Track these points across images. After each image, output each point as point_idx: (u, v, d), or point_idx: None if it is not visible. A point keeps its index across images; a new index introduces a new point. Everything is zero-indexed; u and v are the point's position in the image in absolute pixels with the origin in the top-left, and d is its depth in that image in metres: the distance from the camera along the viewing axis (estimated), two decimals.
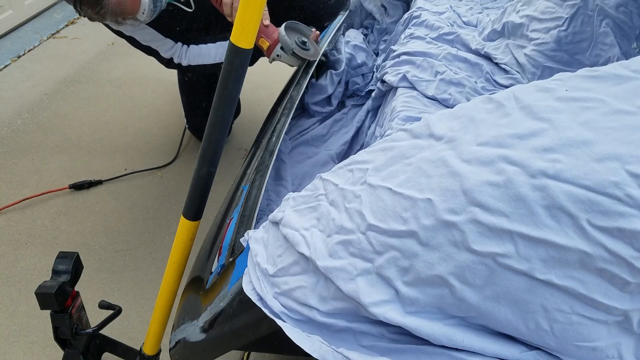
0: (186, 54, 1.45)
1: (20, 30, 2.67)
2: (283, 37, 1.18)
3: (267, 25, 1.24)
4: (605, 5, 1.02)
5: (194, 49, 1.45)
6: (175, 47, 1.43)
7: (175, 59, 1.45)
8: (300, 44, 1.20)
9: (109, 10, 1.13)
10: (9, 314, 1.31)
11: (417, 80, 1.10)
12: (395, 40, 1.38)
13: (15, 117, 2.05)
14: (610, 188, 0.39)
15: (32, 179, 1.74)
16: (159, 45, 1.42)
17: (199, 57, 1.46)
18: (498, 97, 0.50)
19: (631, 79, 0.46)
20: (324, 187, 0.55)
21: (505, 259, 0.41)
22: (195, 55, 1.45)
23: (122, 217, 1.61)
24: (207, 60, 1.46)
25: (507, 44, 1.17)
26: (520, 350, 0.44)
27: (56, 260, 0.92)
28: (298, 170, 1.12)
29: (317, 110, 1.30)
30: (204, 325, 0.66)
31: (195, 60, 1.46)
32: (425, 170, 0.46)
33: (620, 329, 0.42)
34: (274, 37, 1.22)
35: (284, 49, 1.19)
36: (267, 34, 1.23)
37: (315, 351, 0.47)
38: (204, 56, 1.45)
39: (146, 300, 1.35)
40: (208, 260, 0.83)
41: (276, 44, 1.21)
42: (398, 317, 0.44)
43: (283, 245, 0.54)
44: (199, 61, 1.46)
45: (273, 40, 1.22)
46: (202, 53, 1.45)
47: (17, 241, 1.51)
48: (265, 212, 0.95)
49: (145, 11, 1.17)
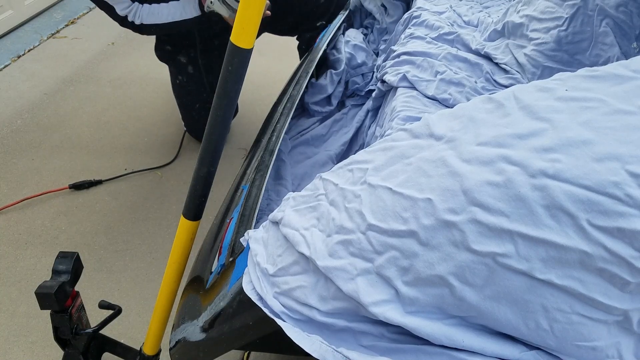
0: (140, 13, 1.45)
1: (20, 30, 2.67)
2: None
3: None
4: (605, 5, 1.02)
5: (147, 8, 1.45)
6: (131, 6, 1.43)
7: (129, 16, 1.45)
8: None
9: None
10: (9, 314, 1.31)
11: (417, 80, 1.10)
12: (395, 40, 1.38)
13: (15, 117, 2.05)
14: (610, 188, 0.39)
15: (32, 179, 1.74)
16: (116, 1, 1.42)
17: (152, 17, 1.46)
18: (498, 97, 0.50)
19: (631, 79, 0.46)
20: (324, 187, 0.55)
21: (505, 259, 0.41)
22: (147, 14, 1.46)
23: (122, 217, 1.61)
24: (159, 19, 1.47)
25: (507, 43, 1.17)
26: (520, 350, 0.44)
27: (56, 260, 0.92)
28: (298, 170, 1.13)
29: (317, 110, 1.30)
30: (204, 325, 0.66)
31: (147, 19, 1.46)
32: (425, 170, 0.46)
33: (620, 328, 0.42)
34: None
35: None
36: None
37: (315, 351, 0.47)
38: (156, 15, 1.46)
39: (146, 300, 1.35)
40: (208, 260, 0.83)
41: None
42: (398, 317, 0.44)
43: (283, 245, 0.54)
44: (151, 20, 1.46)
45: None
46: (154, 12, 1.45)
47: (17, 241, 1.51)
48: (265, 211, 0.95)
49: None
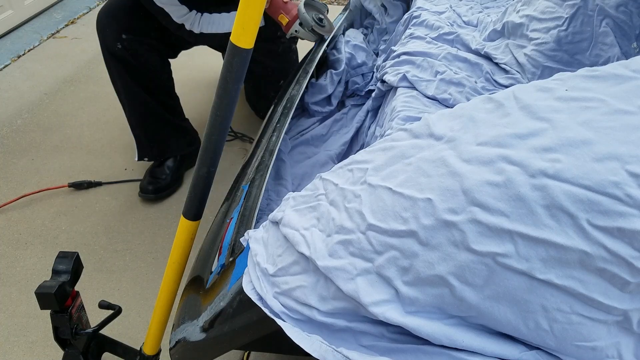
0: (199, 22, 1.45)
1: (20, 30, 2.67)
2: (303, 14, 1.24)
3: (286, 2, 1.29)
4: (605, 5, 1.02)
5: (207, 17, 1.45)
6: (189, 14, 1.43)
7: (187, 25, 1.45)
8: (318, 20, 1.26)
9: None
10: (9, 314, 1.31)
11: (417, 80, 1.10)
12: (395, 40, 1.38)
13: (15, 117, 2.05)
14: (610, 188, 0.39)
15: (32, 179, 1.74)
16: (173, 10, 1.41)
17: (212, 26, 1.47)
18: (498, 97, 0.50)
19: (631, 79, 0.46)
20: (323, 187, 0.55)
21: (505, 259, 0.41)
22: (208, 23, 1.46)
23: (122, 217, 1.61)
24: (220, 29, 1.47)
25: (507, 43, 1.17)
26: (520, 350, 0.44)
27: (56, 260, 0.92)
28: (298, 170, 1.13)
29: (317, 110, 1.30)
30: (204, 325, 0.66)
31: (208, 28, 1.46)
32: (425, 170, 0.46)
33: (620, 328, 0.42)
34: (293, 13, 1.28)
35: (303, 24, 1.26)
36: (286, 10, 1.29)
37: (315, 351, 0.47)
38: (217, 25, 1.47)
39: (146, 300, 1.35)
40: (208, 260, 0.83)
41: (295, 20, 1.28)
42: (398, 317, 0.44)
43: (283, 244, 0.54)
44: (211, 29, 1.47)
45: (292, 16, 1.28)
46: (214, 21, 1.46)
47: (17, 241, 1.51)
48: (265, 211, 0.95)
49: None
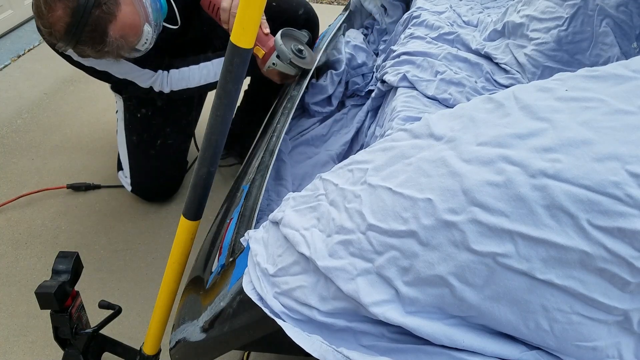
0: (168, 81, 1.34)
1: (20, 30, 2.66)
2: (280, 46, 1.10)
3: (266, 34, 1.17)
4: (606, 5, 1.02)
5: (175, 74, 1.34)
6: (155, 76, 1.32)
7: (155, 87, 1.34)
8: (297, 52, 1.13)
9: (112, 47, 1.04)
10: (9, 314, 1.31)
11: (417, 80, 1.10)
12: (395, 41, 1.38)
13: (15, 117, 2.05)
14: (610, 188, 0.39)
15: (32, 179, 1.74)
16: (136, 76, 1.30)
17: (182, 82, 1.35)
18: (498, 97, 0.49)
19: (631, 79, 0.46)
20: (324, 187, 0.55)
21: (505, 259, 0.41)
22: (177, 79, 1.34)
23: (122, 217, 1.61)
24: (190, 83, 1.35)
25: (507, 43, 1.17)
26: (520, 350, 0.44)
27: (56, 260, 0.93)
28: (298, 170, 1.13)
29: (317, 110, 1.30)
30: (204, 325, 0.66)
31: (178, 85, 1.35)
32: (425, 170, 0.46)
33: (621, 328, 0.42)
34: (269, 44, 1.16)
35: (281, 57, 1.13)
36: (262, 42, 1.16)
37: (316, 351, 0.47)
38: (187, 80, 1.35)
39: (146, 300, 1.35)
40: (208, 260, 0.83)
41: (272, 52, 1.15)
42: (398, 317, 0.44)
43: (283, 245, 0.54)
44: (182, 85, 1.35)
45: (269, 48, 1.16)
46: (184, 77, 1.34)
47: (17, 241, 1.51)
48: (265, 212, 0.95)
49: (148, 40, 1.09)
